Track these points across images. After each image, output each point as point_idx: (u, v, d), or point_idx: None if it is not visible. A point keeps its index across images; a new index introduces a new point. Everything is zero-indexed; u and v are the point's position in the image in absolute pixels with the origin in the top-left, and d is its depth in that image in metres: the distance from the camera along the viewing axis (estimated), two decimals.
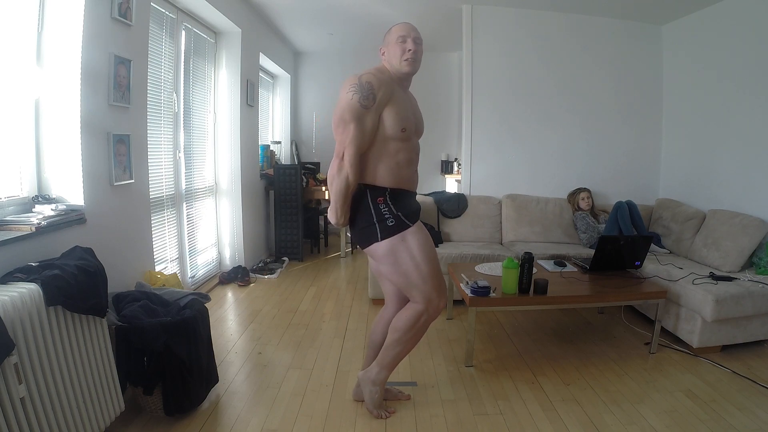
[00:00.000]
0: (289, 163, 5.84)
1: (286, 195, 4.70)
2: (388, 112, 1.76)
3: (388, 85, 1.78)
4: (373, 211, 1.82)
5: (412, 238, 1.82)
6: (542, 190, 4.19)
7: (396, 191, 1.85)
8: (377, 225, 1.81)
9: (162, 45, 2.98)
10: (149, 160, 2.66)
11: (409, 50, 1.79)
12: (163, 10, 2.99)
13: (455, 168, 5.75)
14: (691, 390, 2.29)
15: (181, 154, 3.31)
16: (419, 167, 1.98)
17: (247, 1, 4.05)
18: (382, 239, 1.81)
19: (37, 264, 1.64)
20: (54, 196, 2.02)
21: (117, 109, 2.26)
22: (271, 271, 4.21)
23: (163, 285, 2.44)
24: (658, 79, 4.25)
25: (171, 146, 3.14)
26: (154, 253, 2.71)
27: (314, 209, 5.26)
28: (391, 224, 1.81)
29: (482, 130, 4.19)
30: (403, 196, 1.88)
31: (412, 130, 1.85)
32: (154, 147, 2.83)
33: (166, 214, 3.09)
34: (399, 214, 1.82)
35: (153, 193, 2.76)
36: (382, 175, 1.82)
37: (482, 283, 2.47)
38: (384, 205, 1.82)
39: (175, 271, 3.15)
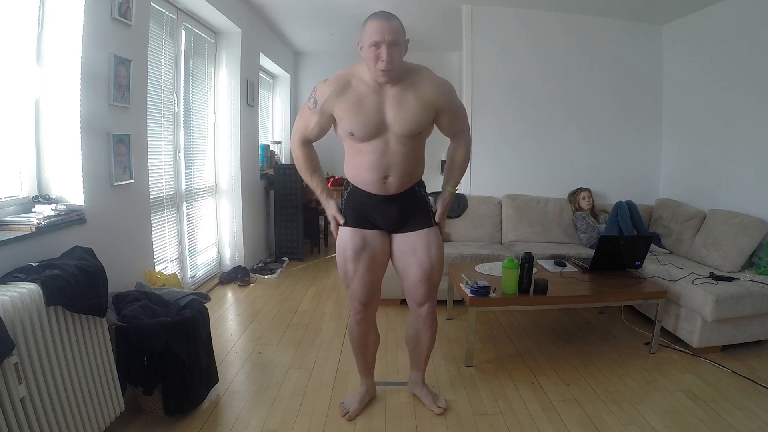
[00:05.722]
0: (289, 163, 5.83)
1: (286, 195, 4.70)
2: (337, 114, 1.78)
3: (337, 90, 1.73)
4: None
5: (340, 235, 1.94)
6: (542, 190, 4.18)
7: (357, 190, 1.90)
8: None
9: (162, 45, 2.98)
10: (149, 160, 2.66)
11: (382, 61, 1.63)
12: (163, 10, 2.99)
13: None
14: (691, 390, 2.29)
15: (181, 154, 3.31)
16: None
17: (247, 1, 4.05)
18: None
19: (37, 264, 1.63)
20: (54, 196, 2.02)
21: (117, 109, 2.26)
22: (271, 271, 4.21)
23: (163, 285, 2.44)
24: (658, 79, 4.25)
25: (171, 146, 3.14)
26: (154, 253, 2.71)
27: (314, 209, 5.25)
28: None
29: (482, 129, 4.18)
30: (363, 196, 1.89)
31: (362, 135, 1.75)
32: (154, 147, 2.83)
33: (166, 214, 3.09)
34: (345, 209, 1.94)
35: (153, 193, 2.76)
36: (348, 172, 1.92)
37: (482, 283, 2.47)
38: (343, 198, 1.97)
39: (175, 271, 3.14)
